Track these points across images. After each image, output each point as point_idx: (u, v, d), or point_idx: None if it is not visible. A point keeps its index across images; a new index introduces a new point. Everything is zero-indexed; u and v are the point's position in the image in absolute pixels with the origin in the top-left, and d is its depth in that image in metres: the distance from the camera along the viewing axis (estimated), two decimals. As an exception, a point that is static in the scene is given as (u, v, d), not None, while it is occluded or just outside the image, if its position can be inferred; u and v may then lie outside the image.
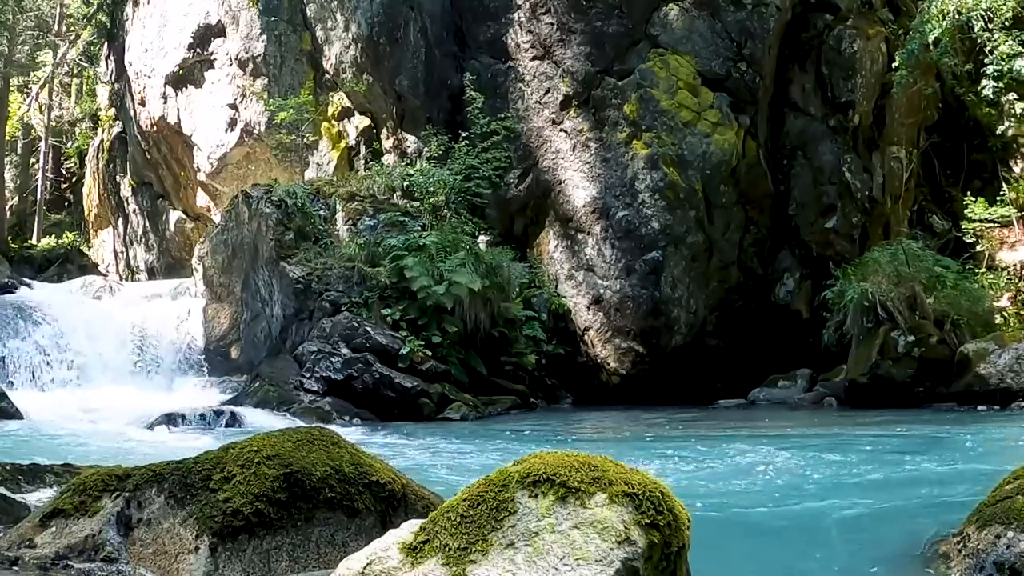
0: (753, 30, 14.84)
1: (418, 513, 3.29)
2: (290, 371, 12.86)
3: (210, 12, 19.03)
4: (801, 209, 15.09)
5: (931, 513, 5.21)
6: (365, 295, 13.64)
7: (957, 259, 14.72)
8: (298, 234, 14.67)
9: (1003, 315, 14.22)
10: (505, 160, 15.48)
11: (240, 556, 3.10)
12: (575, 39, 15.22)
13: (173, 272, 20.56)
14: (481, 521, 2.59)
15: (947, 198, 16.33)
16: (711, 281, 14.68)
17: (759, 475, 7.01)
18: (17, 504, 3.73)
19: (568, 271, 14.98)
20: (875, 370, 12.82)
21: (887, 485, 6.46)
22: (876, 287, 13.19)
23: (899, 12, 16.29)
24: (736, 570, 4.27)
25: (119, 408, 12.03)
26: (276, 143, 18.05)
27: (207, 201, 20.38)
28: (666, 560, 2.62)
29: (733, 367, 14.54)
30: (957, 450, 8.36)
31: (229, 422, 11.21)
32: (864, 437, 9.44)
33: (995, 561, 3.40)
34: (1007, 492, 3.65)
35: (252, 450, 3.29)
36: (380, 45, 16.76)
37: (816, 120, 15.25)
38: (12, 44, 24.14)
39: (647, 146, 14.50)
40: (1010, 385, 11.93)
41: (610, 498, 2.59)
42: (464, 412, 12.56)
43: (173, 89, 19.95)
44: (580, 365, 14.87)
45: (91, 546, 3.14)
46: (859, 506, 5.74)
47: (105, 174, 23.38)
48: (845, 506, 5.81)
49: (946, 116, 16.33)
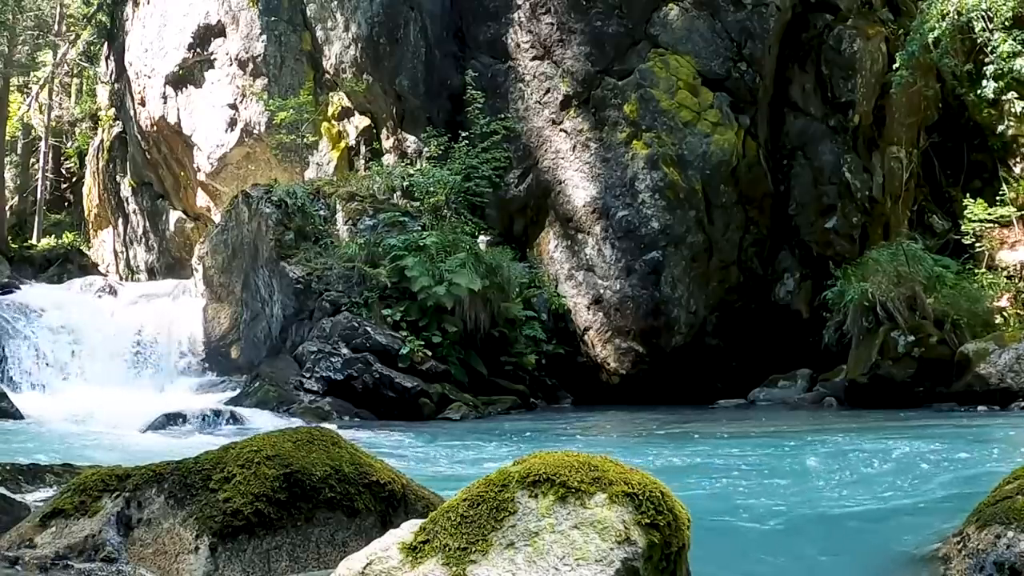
0: (753, 30, 14.84)
1: (418, 513, 3.29)
2: (290, 371, 12.86)
3: (210, 12, 19.04)
4: (801, 209, 15.09)
5: (931, 513, 5.21)
6: (365, 295, 13.64)
7: (957, 259, 14.72)
8: (298, 234, 14.67)
9: (1003, 315, 14.21)
10: (505, 160, 15.48)
11: (240, 556, 3.10)
12: (575, 39, 15.22)
13: (173, 272, 20.56)
14: (481, 521, 2.59)
15: (947, 198, 16.33)
16: (711, 281, 14.68)
17: (759, 475, 7.02)
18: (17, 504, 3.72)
19: (568, 271, 14.98)
20: (875, 370, 12.82)
21: (887, 485, 6.46)
22: (876, 287, 13.20)
23: (899, 12, 16.29)
24: (736, 570, 4.27)
25: (119, 408, 12.02)
26: (276, 143, 18.05)
27: (207, 201, 20.38)
28: (666, 560, 2.62)
29: (733, 367, 14.54)
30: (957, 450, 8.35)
31: (229, 422, 11.21)
32: (864, 437, 9.44)
33: (995, 561, 3.40)
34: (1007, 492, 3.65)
35: (252, 450, 3.29)
36: (380, 45, 16.77)
37: (816, 120, 15.25)
38: (12, 44, 24.12)
39: (647, 146, 14.50)
40: (1010, 385, 11.94)
41: (610, 498, 2.59)
42: (464, 412, 12.56)
43: (173, 89, 19.95)
44: (580, 365, 14.87)
45: (91, 546, 3.14)
46: (859, 506, 5.74)
47: (105, 174, 23.38)
48: (845, 506, 5.81)
49: (946, 116, 16.34)
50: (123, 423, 11.04)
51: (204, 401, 12.69)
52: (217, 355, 14.92)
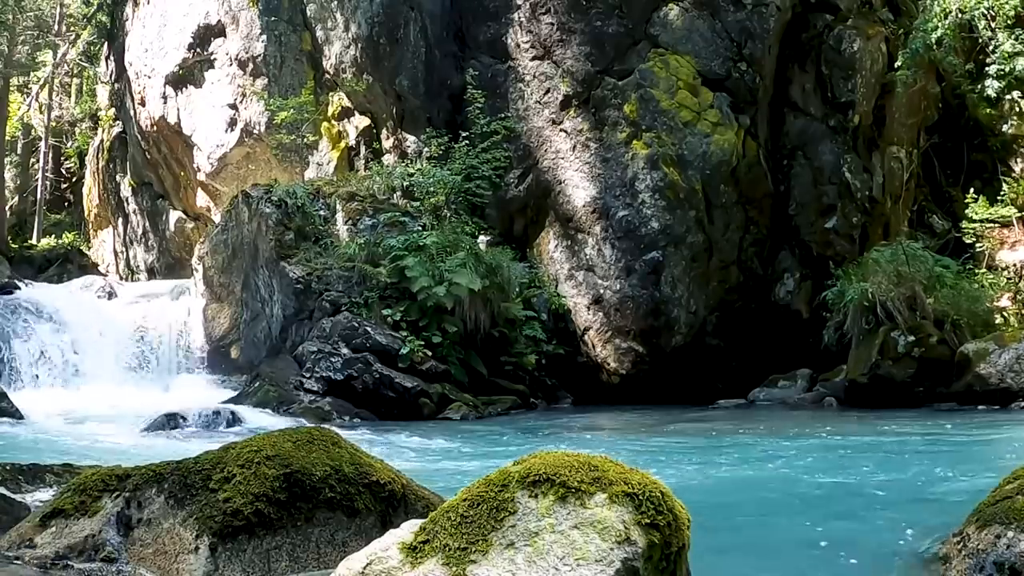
0: (753, 30, 14.83)
1: (418, 513, 3.29)
2: (290, 371, 12.86)
3: (210, 12, 19.03)
4: (801, 209, 15.09)
5: (931, 513, 5.21)
6: (365, 295, 13.64)
7: (957, 259, 14.71)
8: (298, 234, 14.67)
9: (1003, 315, 14.21)
10: (505, 160, 15.48)
11: (240, 556, 3.10)
12: (575, 39, 15.22)
13: (173, 272, 20.55)
14: (481, 521, 2.59)
15: (947, 198, 16.33)
16: (711, 281, 14.68)
17: (758, 475, 7.02)
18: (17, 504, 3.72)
19: (568, 271, 14.98)
20: (875, 370, 12.82)
21: (887, 485, 6.46)
22: (876, 287, 13.19)
23: (899, 12, 16.29)
24: (736, 570, 4.27)
25: (119, 408, 12.04)
26: (276, 143, 18.05)
27: (207, 201, 20.38)
28: (666, 560, 2.62)
29: (733, 367, 14.53)
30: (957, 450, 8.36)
31: (229, 422, 11.21)
32: (864, 437, 9.44)
33: (995, 561, 3.40)
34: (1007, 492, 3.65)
35: (252, 450, 3.29)
36: (380, 45, 16.77)
37: (816, 120, 15.25)
38: (12, 44, 24.13)
39: (647, 146, 14.50)
40: (1010, 385, 11.93)
41: (610, 498, 2.59)
42: (464, 412, 12.57)
43: (173, 89, 19.95)
44: (580, 365, 14.87)
45: (91, 546, 3.14)
46: (859, 506, 5.74)
47: (105, 174, 23.38)
48: (845, 506, 5.82)
49: (946, 116, 16.33)
50: (123, 423, 11.05)
51: (204, 401, 12.68)
52: (217, 355, 14.92)
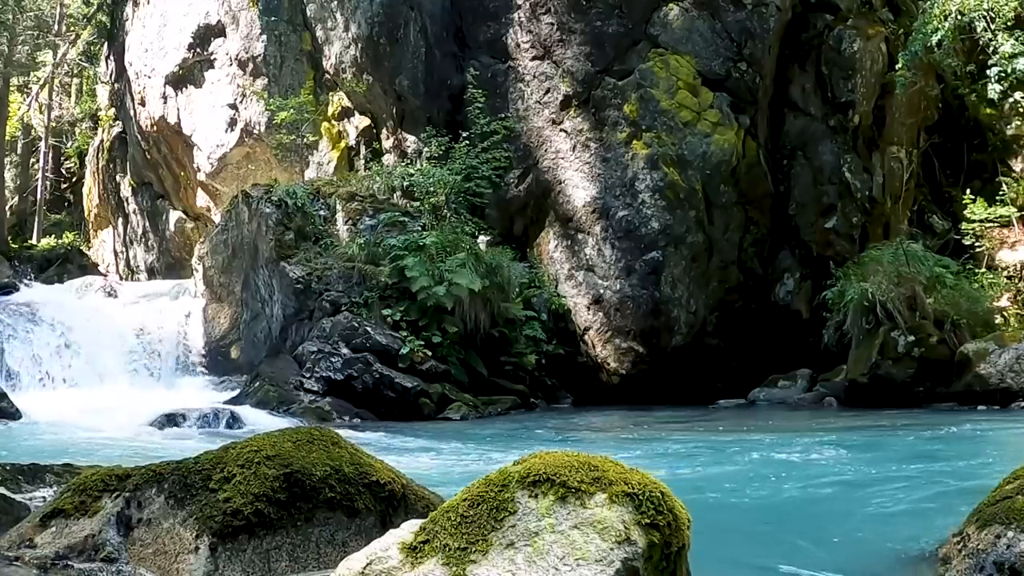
0: (753, 30, 14.84)
1: (418, 513, 3.28)
2: (290, 371, 12.86)
3: (210, 12, 19.04)
4: (801, 209, 15.09)
5: (931, 513, 5.21)
6: (365, 295, 13.64)
7: (957, 259, 14.72)
8: (298, 234, 14.67)
9: (1003, 315, 14.22)
10: (505, 160, 15.48)
11: (240, 556, 3.10)
12: (575, 39, 15.22)
13: (173, 272, 20.55)
14: (481, 521, 2.59)
15: (947, 198, 16.33)
16: (711, 281, 14.68)
17: (759, 475, 7.02)
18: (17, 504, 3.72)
19: (568, 271, 14.98)
20: (875, 370, 12.82)
21: (887, 485, 6.46)
22: (876, 287, 13.19)
23: (899, 12, 16.30)
24: (735, 570, 4.27)
25: (119, 408, 12.02)
26: (276, 143, 18.05)
27: (207, 201, 20.39)
28: (666, 560, 2.61)
29: (733, 367, 14.54)
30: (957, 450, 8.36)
31: (229, 422, 11.21)
32: (864, 437, 9.44)
33: (995, 561, 3.40)
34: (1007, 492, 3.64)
35: (252, 450, 3.28)
36: (380, 45, 16.77)
37: (816, 120, 15.25)
38: (12, 44, 24.13)
39: (647, 146, 14.50)
40: (1010, 385, 11.94)
41: (610, 498, 2.58)
42: (464, 412, 12.56)
43: (173, 89, 19.96)
44: (580, 365, 14.87)
45: (91, 546, 3.14)
46: (859, 506, 5.74)
47: (105, 174, 23.38)
48: (845, 506, 5.82)
49: (946, 116, 16.34)
50: (123, 423, 11.04)
51: (204, 401, 12.69)
52: (217, 355, 14.92)
